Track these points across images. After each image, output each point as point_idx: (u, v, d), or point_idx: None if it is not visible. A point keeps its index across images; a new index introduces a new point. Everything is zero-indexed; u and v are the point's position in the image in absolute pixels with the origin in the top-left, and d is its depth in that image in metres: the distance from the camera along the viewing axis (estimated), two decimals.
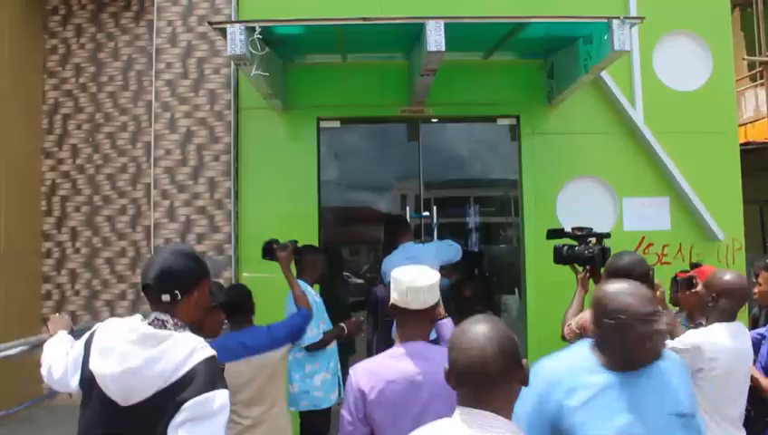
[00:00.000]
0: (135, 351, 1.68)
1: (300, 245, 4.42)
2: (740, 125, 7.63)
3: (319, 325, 4.23)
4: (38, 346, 2.93)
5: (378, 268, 5.63)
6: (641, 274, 2.80)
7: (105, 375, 1.70)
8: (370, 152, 6.25)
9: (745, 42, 10.17)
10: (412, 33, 4.57)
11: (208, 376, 1.66)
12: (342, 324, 4.39)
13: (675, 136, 5.59)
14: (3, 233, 5.57)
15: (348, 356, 5.78)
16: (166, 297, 1.78)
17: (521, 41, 4.92)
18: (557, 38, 4.96)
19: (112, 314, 5.77)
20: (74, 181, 6.09)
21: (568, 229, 3.55)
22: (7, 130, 5.73)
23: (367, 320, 5.14)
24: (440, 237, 6.13)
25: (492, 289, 5.98)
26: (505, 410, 1.48)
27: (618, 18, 4.15)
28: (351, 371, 2.20)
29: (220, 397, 1.65)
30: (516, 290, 5.81)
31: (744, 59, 9.40)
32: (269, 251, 3.75)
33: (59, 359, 2.01)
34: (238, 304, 3.17)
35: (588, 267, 3.26)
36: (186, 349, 1.68)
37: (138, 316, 1.83)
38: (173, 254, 1.86)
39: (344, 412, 2.20)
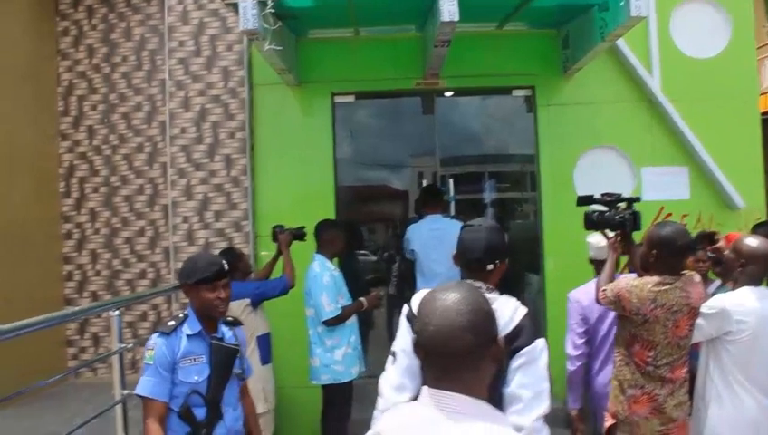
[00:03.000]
0: None
1: (320, 220, 4.50)
2: (759, 94, 7.46)
3: (337, 300, 4.26)
4: (63, 322, 2.98)
5: (391, 244, 5.64)
6: (685, 244, 2.81)
7: None
8: (386, 128, 6.21)
9: (766, 9, 9.93)
10: (425, 5, 4.52)
11: (532, 328, 2.02)
12: (362, 299, 4.44)
13: (693, 103, 5.50)
14: (23, 216, 5.62)
15: (368, 330, 5.81)
16: (490, 266, 2.14)
17: (535, 10, 4.84)
18: (572, 6, 4.88)
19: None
20: (92, 162, 6.12)
21: (597, 196, 3.53)
22: (24, 113, 5.77)
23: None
24: (457, 213, 6.10)
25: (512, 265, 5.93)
26: (476, 391, 1.28)
27: None
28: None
29: (541, 344, 2.00)
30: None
31: (764, 27, 9.18)
32: (273, 234, 4.57)
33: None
34: (229, 263, 3.31)
35: (619, 232, 3.25)
36: (511, 307, 2.04)
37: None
38: (491, 231, 2.20)
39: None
